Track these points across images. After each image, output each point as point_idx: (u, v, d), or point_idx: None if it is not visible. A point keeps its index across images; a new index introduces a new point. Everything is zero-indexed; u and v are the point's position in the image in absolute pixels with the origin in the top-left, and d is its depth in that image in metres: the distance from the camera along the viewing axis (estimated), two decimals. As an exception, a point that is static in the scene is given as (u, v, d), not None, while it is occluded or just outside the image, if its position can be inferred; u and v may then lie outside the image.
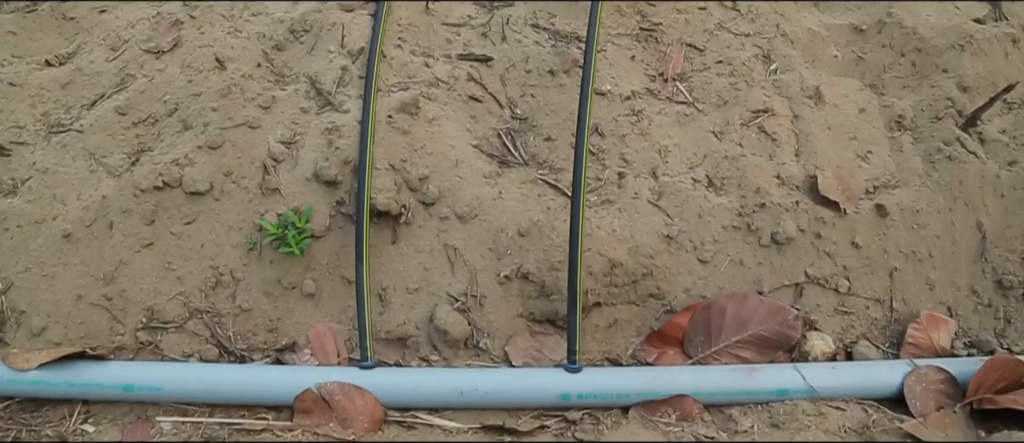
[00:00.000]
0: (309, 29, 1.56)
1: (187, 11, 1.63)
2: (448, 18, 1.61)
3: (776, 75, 1.59)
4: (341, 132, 1.38)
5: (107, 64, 1.59)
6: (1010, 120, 1.64)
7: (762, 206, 1.41)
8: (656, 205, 1.40)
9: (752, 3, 1.70)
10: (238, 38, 1.55)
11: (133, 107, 1.50)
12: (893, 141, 1.56)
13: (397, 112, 1.40)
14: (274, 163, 1.39)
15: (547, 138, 1.47)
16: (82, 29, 1.69)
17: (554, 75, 1.52)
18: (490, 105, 1.49)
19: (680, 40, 1.62)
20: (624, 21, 1.64)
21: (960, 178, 1.50)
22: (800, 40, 1.66)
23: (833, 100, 1.57)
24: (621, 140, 1.46)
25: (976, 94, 1.61)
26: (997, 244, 1.50)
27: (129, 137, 1.48)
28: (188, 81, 1.49)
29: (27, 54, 1.66)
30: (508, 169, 1.43)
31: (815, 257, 1.41)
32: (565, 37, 1.58)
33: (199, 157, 1.39)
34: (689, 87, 1.56)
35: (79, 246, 1.36)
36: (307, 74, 1.49)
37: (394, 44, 1.53)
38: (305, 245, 1.34)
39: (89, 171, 1.44)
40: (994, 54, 1.67)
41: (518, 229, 1.35)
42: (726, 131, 1.49)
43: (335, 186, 1.36)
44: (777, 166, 1.46)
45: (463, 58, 1.53)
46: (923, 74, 1.65)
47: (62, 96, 1.56)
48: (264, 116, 1.43)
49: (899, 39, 1.68)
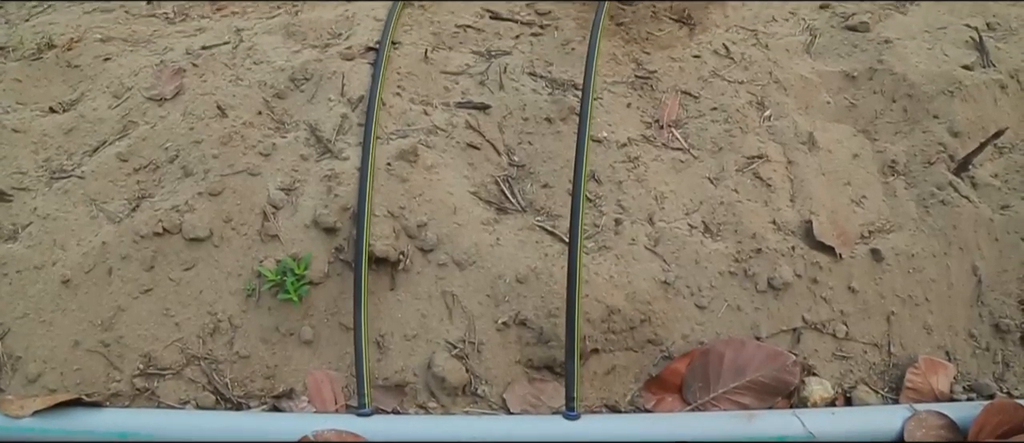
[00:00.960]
0: (309, 77, 1.58)
1: (190, 59, 1.65)
2: (446, 67, 1.63)
3: (770, 121, 1.61)
4: (340, 179, 1.40)
5: (110, 111, 1.61)
6: (1002, 164, 1.66)
7: (758, 251, 1.41)
8: (653, 251, 1.41)
9: (745, 51, 1.73)
10: (239, 86, 1.57)
11: (134, 154, 1.51)
12: (887, 186, 1.58)
13: (396, 159, 1.42)
14: (273, 210, 1.40)
15: (544, 185, 1.48)
16: (86, 77, 1.72)
17: (551, 122, 1.54)
18: (488, 152, 1.50)
19: (675, 87, 1.65)
20: (620, 69, 1.67)
21: (954, 222, 1.51)
22: (793, 87, 1.68)
23: (827, 146, 1.59)
24: (618, 186, 1.47)
25: (967, 139, 1.63)
26: (993, 288, 1.50)
27: (130, 183, 1.49)
28: (189, 128, 1.51)
29: (31, 101, 1.68)
30: (506, 216, 1.44)
31: (812, 302, 1.41)
32: (562, 85, 1.60)
33: (199, 204, 1.40)
34: (684, 134, 1.58)
35: (77, 292, 1.36)
36: (307, 122, 1.51)
37: (393, 92, 1.56)
38: (303, 292, 1.34)
39: (89, 217, 1.45)
40: (983, 100, 1.69)
41: (516, 276, 1.35)
42: (721, 177, 1.51)
43: (334, 233, 1.37)
44: (772, 212, 1.48)
45: (461, 106, 1.55)
46: (914, 120, 1.67)
47: (64, 142, 1.58)
48: (264, 163, 1.45)
49: (890, 85, 1.70)
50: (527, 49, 1.68)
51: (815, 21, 1.89)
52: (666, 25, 1.80)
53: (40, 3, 2.01)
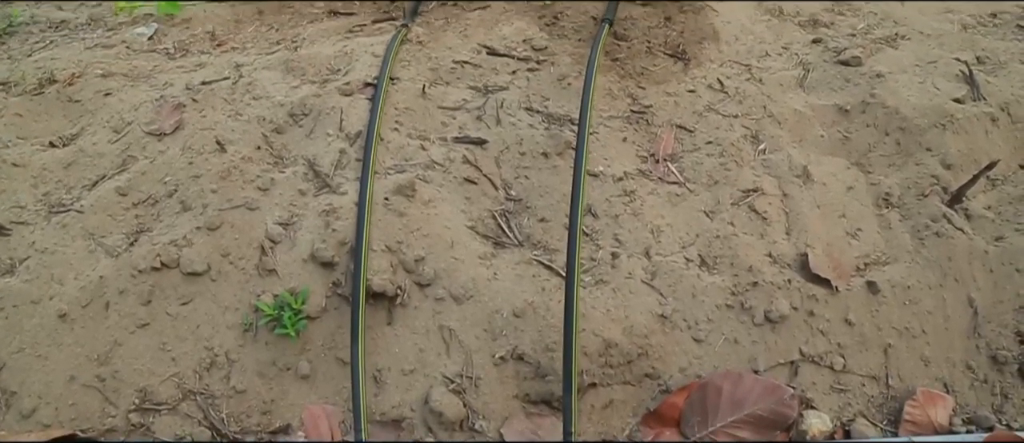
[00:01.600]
0: (308, 113, 1.60)
1: (189, 94, 1.67)
2: (444, 102, 1.65)
3: (765, 155, 1.62)
4: (338, 214, 1.40)
5: (109, 146, 1.62)
6: (994, 196, 1.67)
7: (755, 285, 1.42)
8: (650, 285, 1.41)
9: (739, 85, 1.75)
10: (239, 121, 1.58)
11: (133, 188, 1.52)
12: (881, 218, 1.59)
13: (394, 194, 1.43)
14: (271, 244, 1.41)
15: (541, 219, 1.49)
16: (86, 111, 1.73)
17: (548, 157, 1.55)
18: (485, 187, 1.51)
19: (670, 122, 1.67)
20: (615, 104, 1.69)
21: (949, 254, 1.51)
22: (787, 120, 1.70)
23: (821, 179, 1.60)
24: (614, 220, 1.48)
25: (960, 171, 1.65)
26: (989, 319, 1.50)
27: (128, 218, 1.49)
28: (189, 163, 1.52)
29: (32, 135, 1.69)
30: (503, 250, 1.44)
31: (809, 335, 1.42)
32: (558, 120, 1.62)
33: (197, 238, 1.40)
34: (680, 167, 1.60)
35: (74, 326, 1.36)
36: (306, 157, 1.53)
37: (391, 127, 1.57)
38: (301, 326, 1.34)
39: (87, 251, 1.45)
40: (975, 132, 1.71)
41: (513, 310, 1.35)
42: (717, 210, 1.52)
43: (332, 267, 1.37)
44: (768, 244, 1.48)
45: (459, 141, 1.57)
46: (907, 152, 1.69)
47: (64, 176, 1.59)
48: (263, 198, 1.46)
49: (883, 119, 1.72)
50: (524, 84, 1.70)
51: (808, 55, 1.91)
52: (661, 60, 1.83)
53: (43, 39, 2.04)
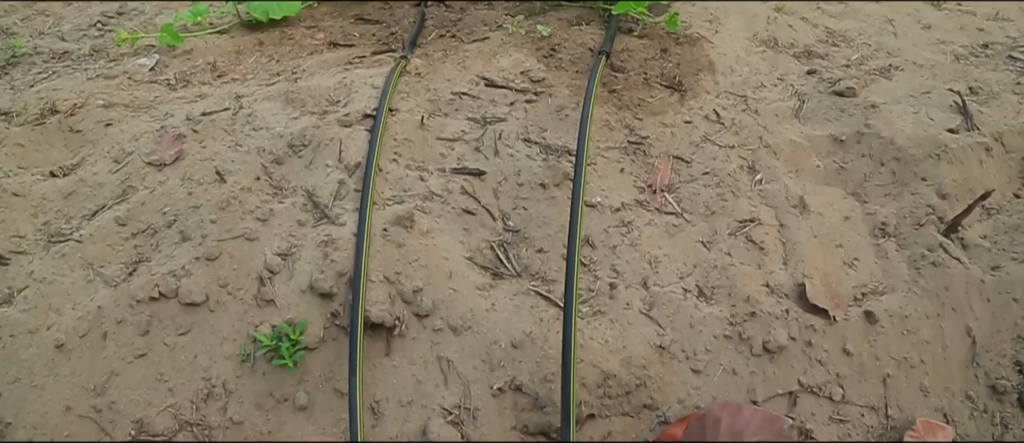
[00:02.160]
0: (308, 144, 1.61)
1: (190, 125, 1.68)
2: (442, 133, 1.66)
3: (761, 185, 1.63)
4: (337, 245, 1.41)
5: (110, 176, 1.63)
6: (990, 226, 1.68)
7: (752, 315, 1.42)
8: (648, 315, 1.41)
9: (736, 116, 1.76)
10: (238, 152, 1.60)
11: (133, 218, 1.52)
12: (878, 248, 1.59)
13: (392, 225, 1.44)
14: (270, 275, 1.41)
15: (539, 250, 1.49)
16: (87, 141, 1.74)
17: (545, 188, 1.56)
18: (483, 218, 1.52)
19: (667, 152, 1.68)
20: (612, 135, 1.70)
21: (946, 284, 1.52)
22: (783, 151, 1.71)
23: (818, 209, 1.61)
24: (612, 251, 1.49)
25: (955, 201, 1.66)
26: (987, 349, 1.51)
27: (128, 248, 1.50)
28: (188, 193, 1.53)
29: (32, 165, 1.70)
30: (501, 281, 1.45)
31: (807, 365, 1.42)
32: (556, 151, 1.63)
33: (196, 268, 1.41)
34: (677, 198, 1.61)
35: (71, 356, 1.36)
36: (305, 187, 1.53)
37: (390, 158, 1.58)
38: (299, 357, 1.34)
39: (86, 281, 1.45)
40: (969, 162, 1.73)
41: (511, 341, 1.35)
42: (714, 241, 1.52)
43: (330, 298, 1.38)
44: (766, 275, 1.49)
45: (457, 172, 1.58)
46: (903, 182, 1.70)
47: (64, 206, 1.59)
48: (261, 228, 1.46)
49: (878, 149, 1.74)
50: (521, 116, 1.71)
51: (803, 87, 1.93)
52: (658, 91, 1.85)
53: (45, 69, 2.05)
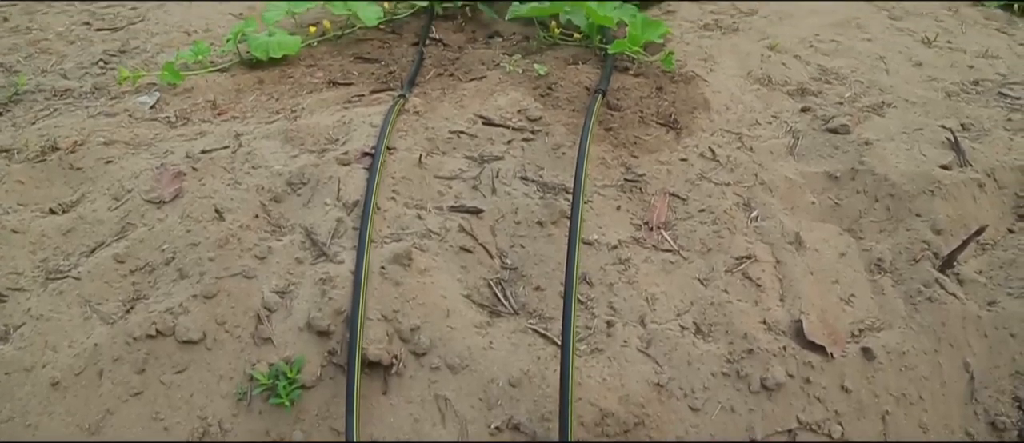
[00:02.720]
0: (306, 182, 1.62)
1: (190, 163, 1.69)
2: (440, 171, 1.68)
3: (757, 222, 1.64)
4: (335, 283, 1.41)
5: (109, 213, 1.63)
6: (985, 261, 1.69)
7: (750, 352, 1.42)
8: (645, 353, 1.41)
9: (731, 153, 1.78)
10: (237, 190, 1.61)
11: (131, 255, 1.53)
12: (874, 284, 1.60)
13: (390, 263, 1.44)
14: (268, 313, 1.41)
15: (536, 287, 1.50)
16: (87, 178, 1.75)
17: (543, 226, 1.57)
18: (481, 256, 1.53)
19: (663, 190, 1.69)
20: (609, 172, 1.71)
21: (943, 319, 1.52)
22: (778, 188, 1.73)
23: (813, 245, 1.62)
24: (609, 288, 1.49)
25: (950, 236, 1.67)
26: (986, 385, 1.50)
27: (125, 285, 1.50)
28: (187, 231, 1.53)
29: (32, 202, 1.71)
30: (499, 319, 1.45)
31: (806, 402, 1.41)
32: (553, 189, 1.64)
33: (194, 306, 1.41)
34: (673, 235, 1.62)
35: (66, 394, 1.35)
36: (303, 225, 1.54)
37: (388, 196, 1.59)
38: (295, 396, 1.33)
39: (83, 318, 1.45)
40: (963, 198, 1.74)
41: (509, 379, 1.35)
42: (711, 278, 1.53)
43: (327, 336, 1.37)
44: (763, 311, 1.49)
45: (454, 210, 1.59)
46: (898, 218, 1.71)
47: (62, 243, 1.60)
48: (259, 266, 1.47)
49: (872, 185, 1.75)
50: (519, 154, 1.73)
51: (797, 124, 1.95)
52: (653, 129, 1.87)
53: (47, 107, 2.07)
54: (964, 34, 2.59)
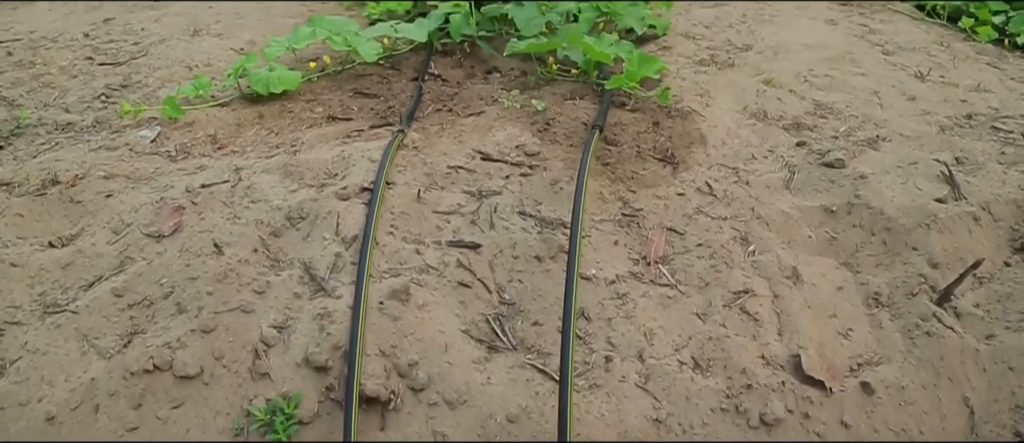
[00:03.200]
0: (305, 216, 1.63)
1: (189, 197, 1.70)
2: (439, 206, 1.69)
3: (754, 256, 1.65)
4: (333, 318, 1.41)
5: (108, 247, 1.64)
6: (982, 294, 1.69)
7: (749, 387, 1.42)
8: (644, 388, 1.41)
9: (727, 188, 1.79)
10: (237, 224, 1.61)
11: (130, 289, 1.53)
12: (872, 318, 1.60)
13: (388, 298, 1.44)
14: (265, 348, 1.41)
15: (535, 322, 1.50)
16: (87, 212, 1.76)
17: (541, 260, 1.58)
18: (479, 290, 1.53)
19: (661, 224, 1.70)
20: (607, 207, 1.72)
21: (941, 353, 1.52)
22: (775, 222, 1.74)
23: (811, 279, 1.63)
24: (607, 323, 1.49)
25: (946, 270, 1.68)
26: (986, 419, 1.50)
27: (123, 319, 1.50)
28: (186, 265, 1.54)
29: (32, 235, 1.71)
30: (497, 354, 1.45)
31: (805, 438, 1.40)
32: (551, 224, 1.65)
33: (191, 340, 1.40)
34: (671, 270, 1.62)
35: (61, 429, 1.34)
36: (302, 260, 1.55)
37: (387, 231, 1.60)
38: (293, 432, 1.32)
39: (80, 353, 1.44)
40: (958, 231, 1.75)
41: (507, 415, 1.34)
42: (709, 312, 1.53)
43: (325, 371, 1.37)
44: (761, 346, 1.49)
45: (453, 245, 1.59)
46: (894, 252, 1.72)
47: (61, 277, 1.60)
48: (258, 301, 1.47)
49: (868, 219, 1.76)
50: (517, 189, 1.74)
51: (793, 158, 1.97)
52: (650, 164, 1.88)
53: (49, 140, 2.08)
54: (956, 69, 2.62)
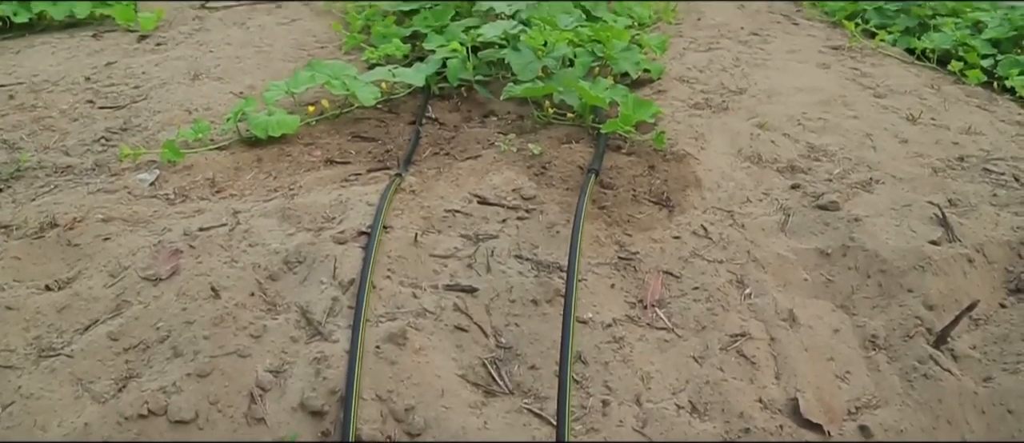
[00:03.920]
0: (302, 260, 1.64)
1: (187, 240, 1.71)
2: (436, 250, 1.69)
3: (751, 299, 1.65)
4: (329, 362, 1.41)
5: (104, 290, 1.64)
6: (979, 336, 1.69)
7: (747, 431, 1.41)
8: (641, 433, 1.40)
9: (723, 231, 1.81)
10: (234, 268, 1.62)
11: (125, 333, 1.52)
12: (869, 361, 1.60)
13: (385, 342, 1.44)
14: (261, 392, 1.40)
15: (531, 366, 1.49)
16: (85, 255, 1.76)
17: (537, 304, 1.58)
18: (476, 334, 1.53)
19: (657, 268, 1.71)
20: (603, 251, 1.73)
21: (939, 396, 1.52)
22: (771, 265, 1.75)
23: (807, 322, 1.63)
24: (604, 367, 1.49)
25: (942, 312, 1.68)
26: (986, 463, 1.49)
27: (118, 363, 1.49)
28: (182, 309, 1.53)
29: (28, 278, 1.71)
30: (494, 398, 1.44)
31: (804, 482, 1.40)
32: (547, 267, 1.66)
33: (187, 385, 1.40)
34: (668, 313, 1.62)
35: (54, 477, 1.33)
36: (298, 304, 1.55)
37: (384, 275, 1.60)
38: (287, 478, 1.31)
39: (74, 397, 1.43)
40: (953, 273, 1.76)
41: (504, 461, 1.34)
42: (706, 356, 1.53)
43: (321, 416, 1.36)
44: (758, 389, 1.49)
45: (450, 289, 1.60)
46: (890, 294, 1.72)
47: (57, 320, 1.59)
48: (254, 345, 1.46)
49: (863, 262, 1.77)
50: (513, 233, 1.75)
51: (787, 201, 1.99)
52: (646, 208, 1.90)
53: (48, 183, 2.10)
54: (947, 111, 2.66)
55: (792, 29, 3.85)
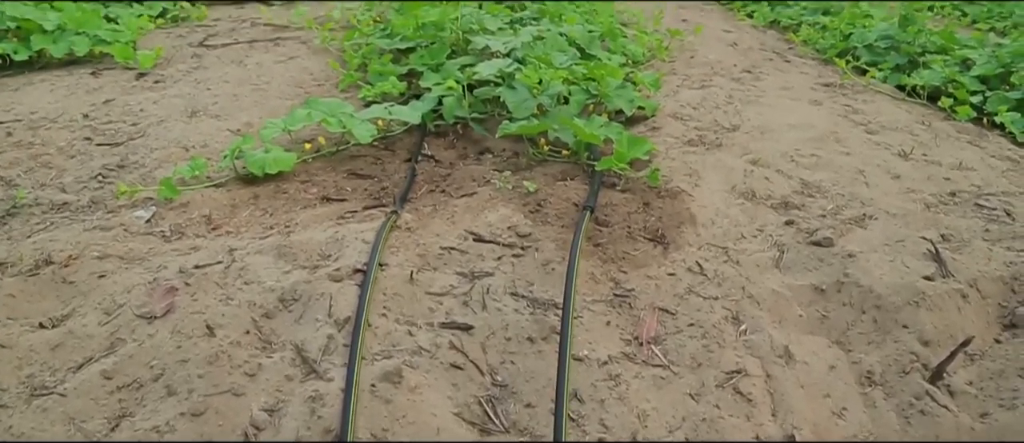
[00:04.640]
0: (298, 298, 1.63)
1: (182, 278, 1.71)
2: (431, 288, 1.69)
3: (746, 336, 1.66)
4: (324, 401, 1.40)
5: (99, 328, 1.63)
6: (974, 372, 1.69)
7: (744, 470, 1.40)
8: (638, 472, 1.39)
9: (718, 267, 1.81)
10: (229, 306, 1.61)
11: (119, 371, 1.51)
12: (866, 397, 1.60)
13: (380, 381, 1.43)
14: (256, 431, 1.39)
15: (527, 404, 1.49)
16: (79, 293, 1.75)
17: (533, 342, 1.58)
18: (471, 373, 1.52)
19: (652, 305, 1.71)
20: (598, 288, 1.74)
21: (937, 432, 1.51)
22: (766, 301, 1.75)
23: (803, 358, 1.63)
24: (600, 405, 1.48)
25: (937, 347, 1.68)
26: (985, 501, 1.48)
27: (112, 402, 1.48)
28: (177, 347, 1.53)
29: (22, 316, 1.71)
30: (489, 437, 1.43)
31: (803, 522, 1.38)
32: (543, 305, 1.66)
33: (180, 424, 1.38)
34: (664, 350, 1.62)
35: (44, 519, 1.31)
36: (294, 342, 1.54)
37: (379, 313, 1.60)
38: (280, 520, 1.30)
39: (66, 437, 1.42)
40: (948, 309, 1.76)
41: (499, 501, 1.32)
42: (702, 393, 1.53)
43: (315, 456, 1.35)
44: (755, 427, 1.48)
45: (445, 326, 1.60)
46: (885, 330, 1.73)
47: (50, 358, 1.58)
48: (249, 383, 1.46)
49: (858, 298, 1.78)
50: (509, 270, 1.75)
51: (782, 237, 2.00)
52: (641, 245, 1.90)
53: (44, 220, 2.10)
54: (938, 147, 2.69)
55: (784, 66, 3.90)
